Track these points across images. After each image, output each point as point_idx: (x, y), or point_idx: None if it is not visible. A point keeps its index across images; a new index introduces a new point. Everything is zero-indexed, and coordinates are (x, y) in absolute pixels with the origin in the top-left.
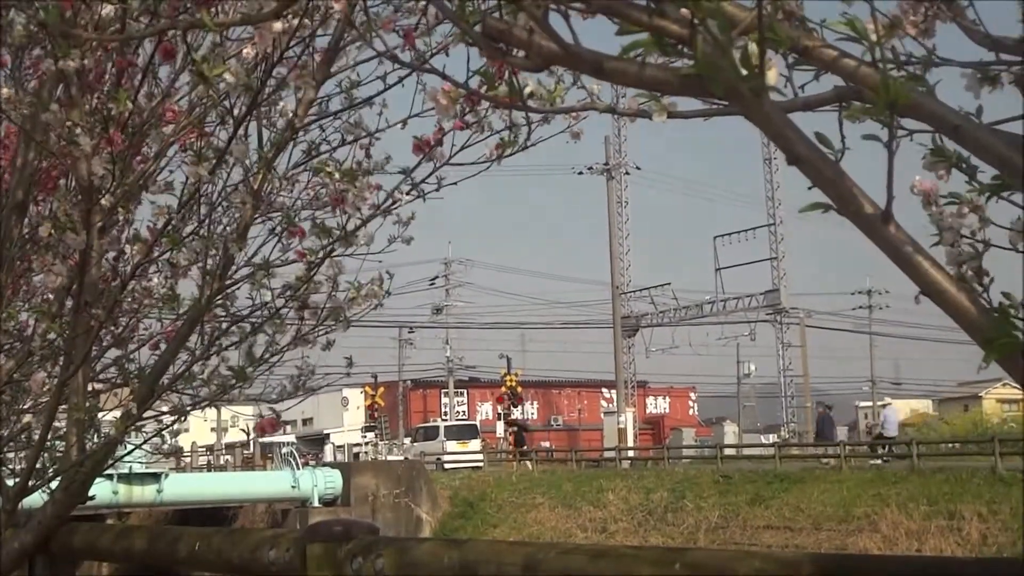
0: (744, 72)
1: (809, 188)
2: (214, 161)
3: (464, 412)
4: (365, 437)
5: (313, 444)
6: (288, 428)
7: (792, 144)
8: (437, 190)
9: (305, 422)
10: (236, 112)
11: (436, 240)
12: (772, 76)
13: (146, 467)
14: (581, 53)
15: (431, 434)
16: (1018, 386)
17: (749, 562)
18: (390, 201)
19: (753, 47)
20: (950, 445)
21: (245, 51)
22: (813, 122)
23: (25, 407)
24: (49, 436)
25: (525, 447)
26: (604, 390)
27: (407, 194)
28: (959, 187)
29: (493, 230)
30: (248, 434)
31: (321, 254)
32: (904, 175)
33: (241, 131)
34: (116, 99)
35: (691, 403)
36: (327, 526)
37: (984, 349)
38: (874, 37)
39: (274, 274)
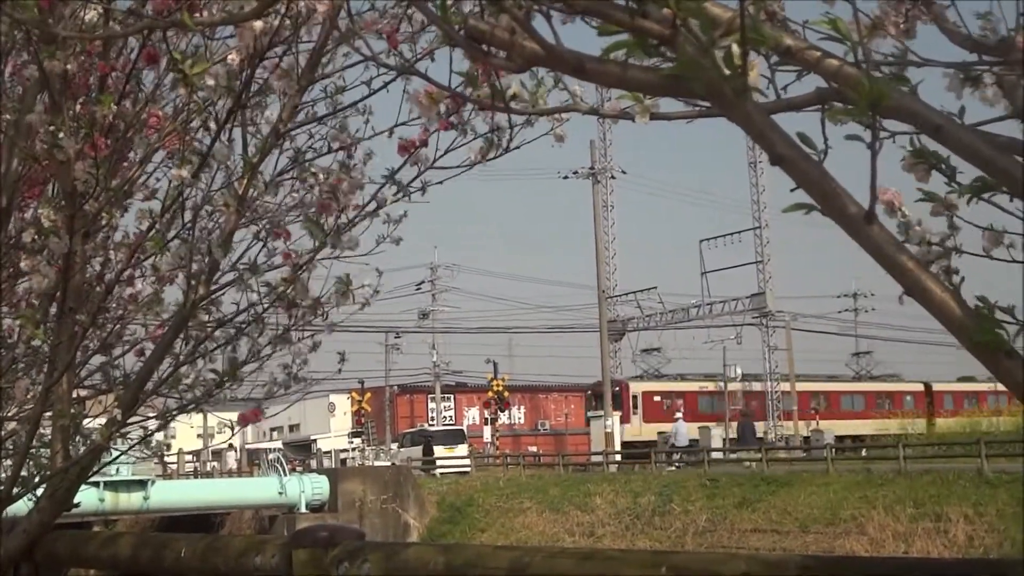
0: (726, 72)
1: (792, 190)
2: (197, 164)
3: (451, 417)
4: (352, 443)
5: (300, 450)
6: (274, 434)
7: (774, 144)
8: (423, 193)
9: (292, 428)
10: (218, 115)
11: (422, 245)
12: (754, 76)
13: (132, 474)
14: (563, 53)
15: (418, 439)
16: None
17: (734, 564)
18: (375, 204)
19: (735, 48)
20: (937, 447)
21: (230, 57)
22: (794, 124)
23: (9, 414)
24: (34, 443)
25: (433, 457)
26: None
27: (393, 195)
28: (939, 189)
29: (479, 234)
30: (233, 429)
31: (307, 257)
32: (886, 176)
33: (224, 135)
34: (100, 102)
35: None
36: (312, 532)
37: (967, 348)
38: (856, 37)
39: (261, 275)
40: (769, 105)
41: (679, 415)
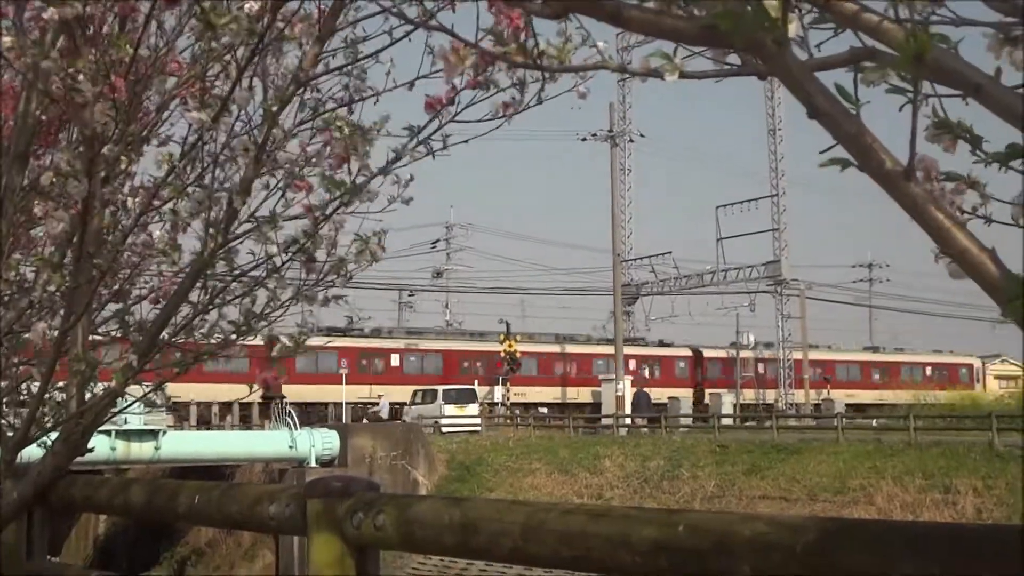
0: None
1: (821, 152)
2: (217, 108)
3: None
4: None
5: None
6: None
7: (813, 97)
8: (444, 148)
9: None
10: (239, 61)
11: (438, 204)
12: (792, 29)
13: (144, 424)
14: None
15: (429, 398)
16: None
17: (752, 525)
18: (398, 158)
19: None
20: (947, 419)
21: (248, 5)
22: (826, 84)
23: (25, 359)
24: (49, 387)
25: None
26: None
27: (412, 148)
28: (965, 157)
29: (495, 195)
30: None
31: (328, 209)
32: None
33: (245, 82)
34: (116, 44)
35: None
36: (326, 482)
37: (1004, 309)
38: None
39: (281, 227)
40: (804, 63)
41: (381, 395)
